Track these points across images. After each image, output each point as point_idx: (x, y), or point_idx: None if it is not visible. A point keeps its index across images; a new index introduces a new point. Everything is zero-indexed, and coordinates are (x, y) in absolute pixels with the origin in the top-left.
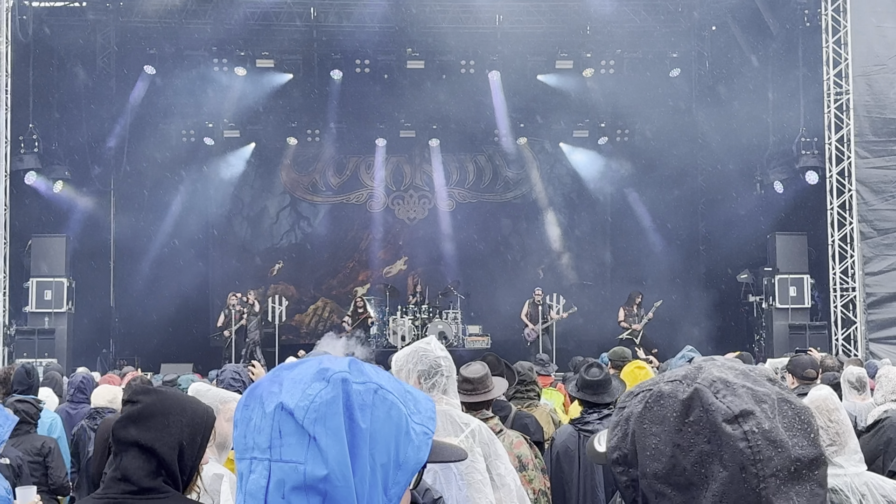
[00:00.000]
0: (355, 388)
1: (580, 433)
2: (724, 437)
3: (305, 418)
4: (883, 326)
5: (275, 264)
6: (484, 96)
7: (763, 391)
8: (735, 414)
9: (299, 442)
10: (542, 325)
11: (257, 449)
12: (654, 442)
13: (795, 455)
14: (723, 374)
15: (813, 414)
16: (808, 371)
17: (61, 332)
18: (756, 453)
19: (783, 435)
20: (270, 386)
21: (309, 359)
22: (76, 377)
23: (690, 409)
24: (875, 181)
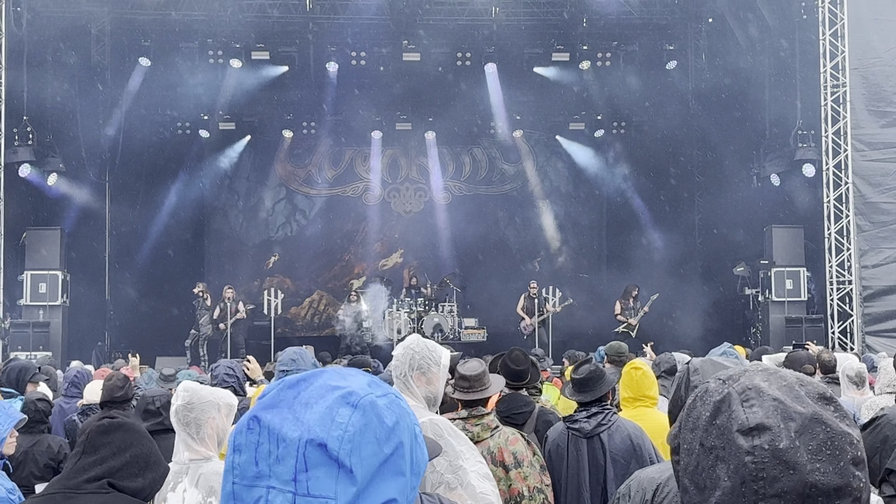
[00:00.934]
0: (381, 405)
1: (569, 431)
2: (734, 447)
3: (341, 450)
4: (879, 319)
5: (270, 257)
6: (480, 89)
7: (797, 409)
8: (750, 426)
9: (328, 474)
10: (539, 318)
11: (276, 479)
12: (689, 437)
13: (812, 480)
14: (760, 383)
15: (853, 442)
16: (805, 367)
17: (56, 325)
18: (759, 470)
19: (802, 457)
20: (278, 411)
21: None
22: (70, 371)
23: (719, 411)
24: (871, 174)
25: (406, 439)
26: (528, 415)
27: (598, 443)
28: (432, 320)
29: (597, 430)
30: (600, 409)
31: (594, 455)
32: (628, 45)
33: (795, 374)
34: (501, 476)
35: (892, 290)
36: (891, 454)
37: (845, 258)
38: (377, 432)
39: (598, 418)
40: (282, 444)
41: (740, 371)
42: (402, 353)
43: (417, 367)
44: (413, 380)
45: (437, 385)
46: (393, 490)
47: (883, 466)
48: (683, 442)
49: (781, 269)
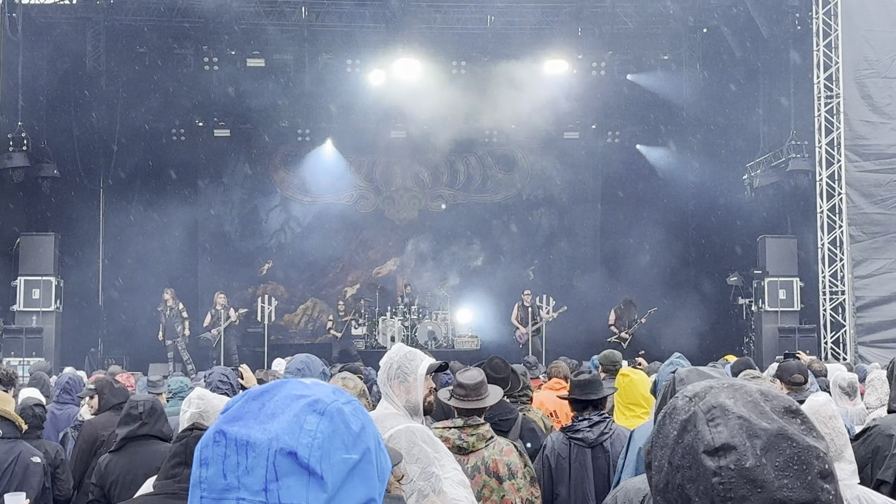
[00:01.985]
0: (347, 412)
1: (571, 441)
2: (701, 467)
3: (311, 457)
4: (872, 330)
5: (264, 264)
6: (475, 97)
7: (762, 425)
8: (715, 447)
9: (299, 482)
10: (533, 327)
11: (246, 490)
12: (660, 454)
13: (780, 497)
14: (725, 401)
15: (820, 455)
16: (794, 376)
17: (49, 331)
18: (727, 491)
19: (769, 474)
20: (244, 422)
21: (276, 387)
22: (62, 377)
23: (686, 430)
24: (865, 185)
25: (372, 445)
26: (512, 422)
27: (602, 451)
28: (426, 328)
29: (600, 438)
30: (601, 418)
31: (598, 464)
32: (623, 54)
33: (760, 388)
34: (494, 487)
35: (884, 301)
36: (882, 465)
37: (838, 268)
38: (345, 438)
39: (600, 427)
40: (251, 455)
41: (705, 388)
42: (385, 361)
43: (395, 375)
44: (393, 388)
45: (416, 394)
46: (363, 494)
47: (874, 477)
48: (655, 458)
49: (774, 279)
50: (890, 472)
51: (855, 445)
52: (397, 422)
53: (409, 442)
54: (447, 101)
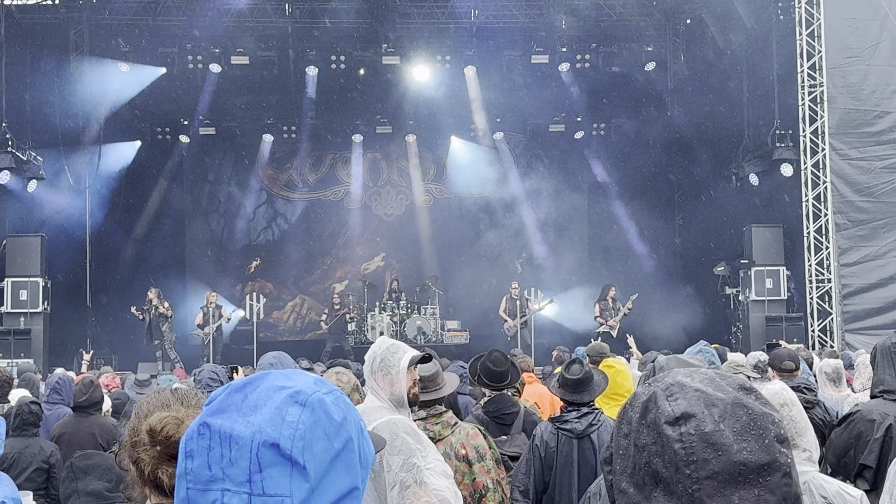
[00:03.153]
0: (329, 402)
1: (559, 431)
2: (664, 438)
3: (293, 448)
4: (858, 317)
5: (252, 261)
6: (460, 92)
7: (718, 396)
8: (676, 416)
9: (282, 473)
10: (521, 320)
11: (230, 481)
12: (624, 442)
13: (739, 459)
14: (682, 379)
15: (776, 421)
16: (785, 363)
17: (37, 332)
18: (689, 455)
19: (728, 438)
20: (228, 415)
21: (258, 379)
22: (52, 378)
23: (647, 410)
24: (850, 173)
25: (354, 434)
26: (515, 415)
27: (589, 443)
28: (415, 323)
29: (588, 430)
30: (590, 409)
31: (584, 455)
32: (607, 47)
33: (715, 370)
34: (465, 471)
35: (871, 288)
36: (865, 450)
37: (824, 257)
38: (327, 429)
39: (588, 418)
40: (234, 447)
41: (662, 372)
42: (369, 355)
43: (379, 369)
44: (377, 381)
45: (399, 386)
46: (346, 482)
47: (857, 462)
48: (618, 448)
49: (761, 269)
50: (872, 456)
51: (838, 431)
52: (381, 415)
53: (391, 434)
54: (432, 96)
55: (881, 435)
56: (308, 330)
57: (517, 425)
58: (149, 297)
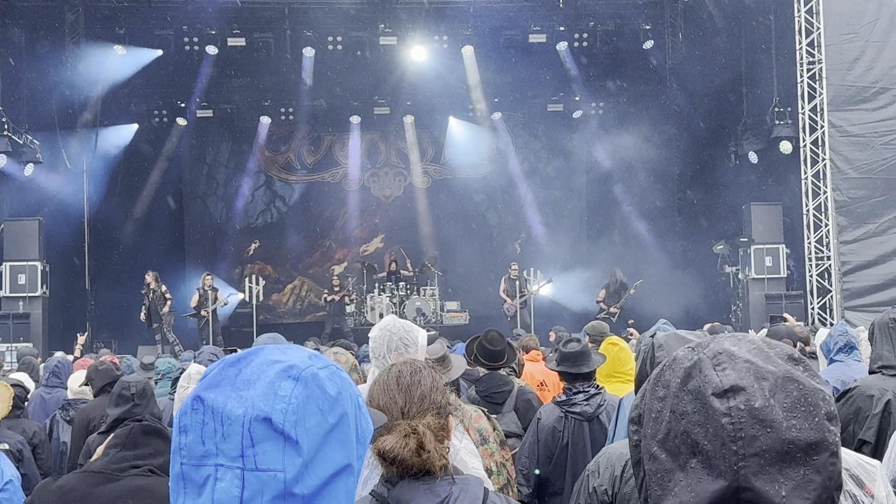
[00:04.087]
0: (323, 377)
1: (567, 414)
2: (710, 410)
3: (286, 422)
4: (858, 294)
5: (251, 244)
6: (458, 72)
7: (769, 368)
8: (724, 388)
9: (275, 448)
10: (520, 300)
11: (224, 456)
12: (658, 406)
13: (789, 437)
14: (730, 347)
15: (826, 398)
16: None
17: (36, 316)
18: (737, 430)
19: (778, 415)
20: (221, 389)
21: (253, 354)
22: (51, 361)
23: (690, 377)
24: (849, 149)
25: (350, 409)
26: (507, 394)
27: (598, 424)
28: (414, 304)
29: (597, 412)
30: (596, 390)
31: (595, 436)
32: (605, 26)
33: (763, 338)
34: None
35: (870, 265)
36: (864, 425)
37: (824, 234)
38: (320, 403)
39: (596, 400)
40: (227, 422)
41: (708, 338)
42: (380, 334)
43: (395, 348)
44: (392, 360)
45: None
46: (341, 457)
47: (856, 437)
48: (650, 411)
49: (761, 247)
50: (871, 431)
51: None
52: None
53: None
54: (430, 76)
55: (880, 410)
56: (307, 312)
57: (509, 404)
58: (147, 281)
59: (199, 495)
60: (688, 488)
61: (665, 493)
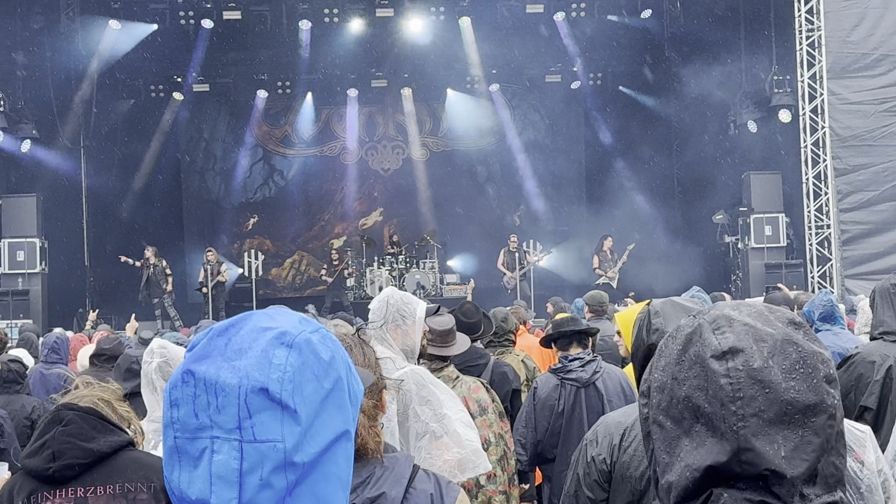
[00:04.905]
0: (316, 342)
1: (563, 381)
2: (709, 372)
3: (283, 391)
4: (858, 262)
5: (249, 219)
6: (455, 43)
7: (768, 331)
8: (723, 350)
9: (273, 418)
10: (520, 272)
11: (219, 428)
12: (660, 375)
13: (787, 398)
14: (729, 312)
15: (825, 360)
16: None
17: (35, 292)
18: (736, 391)
19: (776, 376)
20: (212, 360)
21: (241, 321)
22: (50, 337)
23: (691, 342)
24: (848, 117)
25: (343, 373)
26: (483, 367)
27: (595, 390)
28: (414, 278)
29: (593, 378)
30: (591, 357)
31: (591, 403)
32: None
33: (764, 304)
34: None
35: (870, 234)
36: (865, 392)
37: (823, 203)
38: (315, 369)
39: (592, 366)
40: (220, 394)
41: (710, 306)
42: (379, 306)
43: (392, 319)
44: (389, 332)
45: (414, 337)
46: (339, 423)
47: (857, 404)
48: (655, 381)
49: (760, 216)
50: (873, 398)
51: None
52: (397, 364)
53: (418, 383)
54: (427, 48)
55: (881, 377)
56: (307, 286)
57: (485, 376)
58: (146, 255)
59: (195, 468)
60: (693, 451)
61: (673, 458)
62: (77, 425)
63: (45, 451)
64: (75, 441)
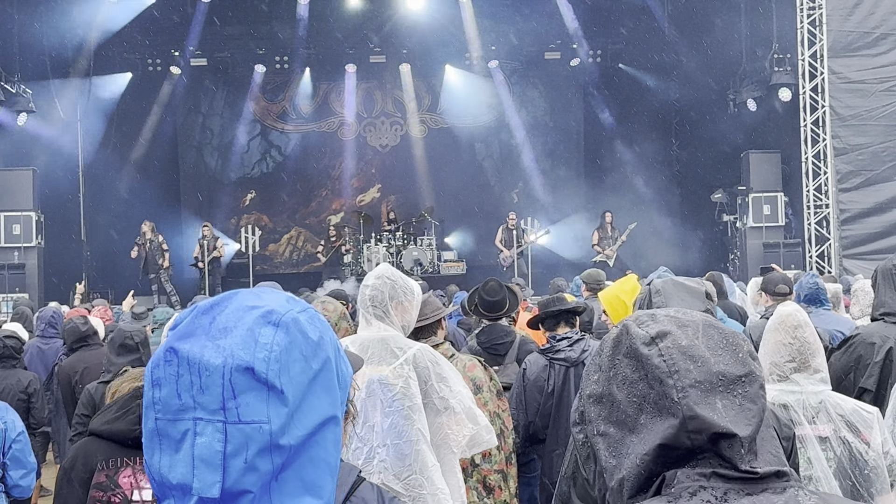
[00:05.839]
0: (303, 321)
1: (551, 361)
2: (643, 358)
3: (269, 371)
4: (857, 243)
5: (247, 194)
6: (454, 20)
7: (688, 318)
8: (652, 336)
9: (258, 398)
10: (517, 250)
11: (202, 409)
12: (594, 388)
13: (718, 369)
14: (653, 312)
15: (745, 339)
16: (779, 287)
17: (32, 266)
18: (671, 365)
19: (704, 352)
20: (196, 339)
21: (226, 299)
22: (46, 311)
23: (620, 342)
24: (849, 96)
25: (331, 354)
26: (509, 345)
27: (584, 369)
28: (411, 254)
29: (581, 356)
30: (579, 336)
31: (580, 382)
32: None
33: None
34: None
35: (869, 213)
36: (865, 373)
37: (822, 182)
38: (303, 349)
39: (580, 345)
40: (204, 374)
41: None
42: (380, 282)
43: (395, 296)
44: (393, 308)
45: (412, 313)
46: (327, 406)
47: (857, 385)
48: (588, 401)
49: (759, 195)
50: (872, 380)
51: (837, 354)
52: (407, 343)
53: (432, 361)
54: (426, 24)
55: (881, 358)
56: (304, 262)
57: (511, 355)
58: (143, 231)
59: (177, 451)
60: (641, 441)
61: (620, 458)
62: None
63: (130, 416)
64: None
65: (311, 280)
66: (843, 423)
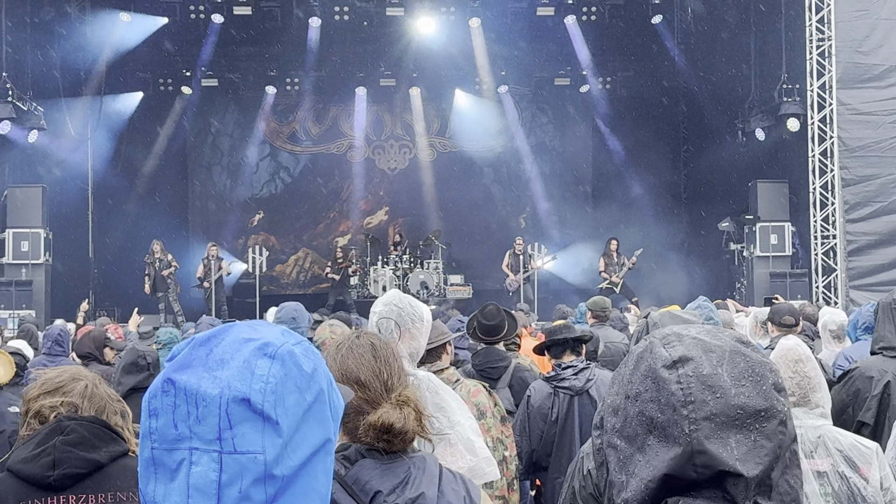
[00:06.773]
0: (298, 354)
1: (556, 389)
2: (660, 381)
3: (265, 402)
4: (863, 274)
5: (255, 214)
6: (465, 44)
7: (716, 343)
8: (673, 359)
9: (254, 429)
10: (524, 275)
11: (198, 439)
12: (613, 399)
13: (737, 402)
14: (679, 330)
15: (773, 370)
16: (785, 318)
17: (39, 283)
18: (687, 395)
19: (725, 382)
20: (193, 370)
21: (223, 332)
22: (53, 329)
23: (642, 359)
24: (857, 127)
25: (324, 385)
26: (502, 370)
27: (588, 398)
28: (418, 277)
29: (586, 386)
30: (584, 364)
31: (584, 411)
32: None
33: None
34: None
35: (877, 245)
36: (863, 407)
37: (830, 212)
38: (298, 381)
39: (585, 374)
40: (201, 404)
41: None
42: (388, 309)
43: (402, 323)
44: (398, 336)
45: (421, 340)
46: (319, 437)
47: (855, 419)
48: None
49: (766, 224)
50: (870, 413)
51: (836, 388)
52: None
53: (431, 391)
54: (436, 48)
55: (879, 392)
56: (311, 283)
57: (504, 380)
58: (153, 250)
59: (172, 480)
60: (647, 465)
61: (628, 476)
62: (78, 434)
63: (45, 459)
64: (76, 451)
65: (318, 301)
66: (841, 457)
